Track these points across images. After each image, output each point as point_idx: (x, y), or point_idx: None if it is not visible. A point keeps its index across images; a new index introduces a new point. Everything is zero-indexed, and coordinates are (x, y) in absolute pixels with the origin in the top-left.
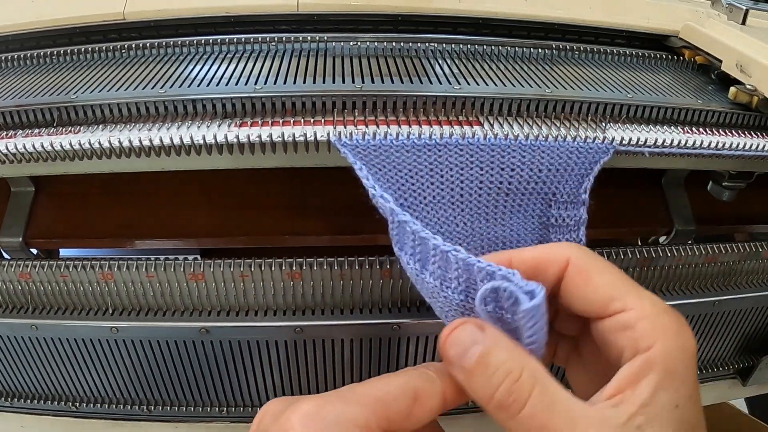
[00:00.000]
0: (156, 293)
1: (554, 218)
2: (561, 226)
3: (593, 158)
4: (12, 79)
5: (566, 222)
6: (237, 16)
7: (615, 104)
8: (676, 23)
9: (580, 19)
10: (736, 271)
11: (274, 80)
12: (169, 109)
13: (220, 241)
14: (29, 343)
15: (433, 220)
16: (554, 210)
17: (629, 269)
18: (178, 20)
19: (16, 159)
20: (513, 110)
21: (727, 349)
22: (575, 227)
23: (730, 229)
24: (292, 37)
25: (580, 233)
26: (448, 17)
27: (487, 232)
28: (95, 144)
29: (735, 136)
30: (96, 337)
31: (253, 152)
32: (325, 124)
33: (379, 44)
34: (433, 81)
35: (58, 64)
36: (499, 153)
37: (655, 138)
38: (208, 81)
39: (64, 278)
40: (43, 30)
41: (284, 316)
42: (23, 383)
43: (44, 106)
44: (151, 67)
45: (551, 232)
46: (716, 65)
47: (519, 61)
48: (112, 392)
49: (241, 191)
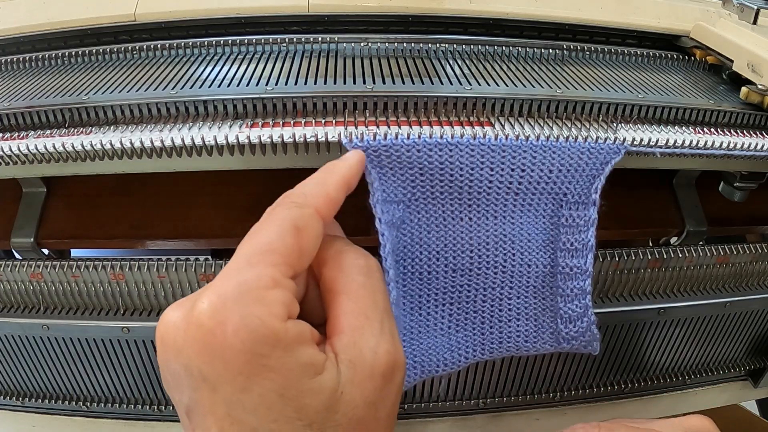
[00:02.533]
0: (167, 293)
1: (565, 218)
2: (572, 227)
3: (604, 159)
4: (24, 80)
5: (576, 222)
6: (248, 17)
7: (626, 104)
8: (687, 23)
9: (590, 20)
10: (748, 272)
11: (285, 81)
12: (180, 110)
13: (231, 241)
14: (41, 343)
15: (437, 213)
16: (565, 210)
17: (640, 270)
18: (188, 21)
19: (27, 159)
20: (524, 111)
21: (738, 351)
22: (585, 227)
23: (741, 230)
24: (302, 38)
25: (589, 234)
26: (459, 18)
27: (494, 229)
28: (107, 145)
29: (747, 136)
30: (107, 337)
31: (264, 153)
32: (336, 125)
33: (390, 45)
34: (444, 82)
35: (69, 65)
36: (510, 153)
37: (667, 138)
38: (219, 82)
39: (75, 278)
40: (54, 31)
41: None
42: (34, 383)
43: (56, 107)
44: (162, 68)
45: (561, 233)
46: (727, 65)
47: (530, 61)
48: (123, 392)
49: (252, 192)
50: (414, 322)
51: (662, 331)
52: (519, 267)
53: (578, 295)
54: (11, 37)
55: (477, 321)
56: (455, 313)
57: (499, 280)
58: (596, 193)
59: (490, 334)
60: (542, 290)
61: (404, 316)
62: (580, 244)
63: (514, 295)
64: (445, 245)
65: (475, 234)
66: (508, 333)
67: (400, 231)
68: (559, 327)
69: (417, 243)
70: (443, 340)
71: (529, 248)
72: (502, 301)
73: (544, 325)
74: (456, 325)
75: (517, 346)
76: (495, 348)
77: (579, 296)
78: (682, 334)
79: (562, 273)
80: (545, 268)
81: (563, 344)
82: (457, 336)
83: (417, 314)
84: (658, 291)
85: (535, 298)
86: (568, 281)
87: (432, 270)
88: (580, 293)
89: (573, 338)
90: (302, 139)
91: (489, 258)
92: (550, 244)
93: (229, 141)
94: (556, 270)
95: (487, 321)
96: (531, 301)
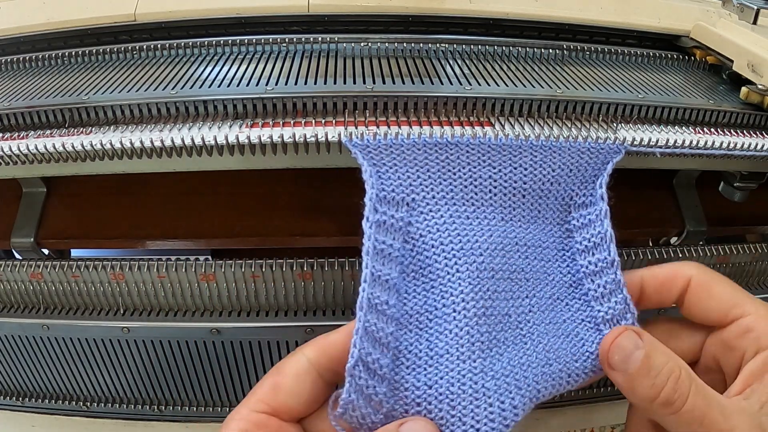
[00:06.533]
0: (167, 293)
1: (576, 221)
2: (585, 226)
3: (605, 158)
4: (24, 80)
5: (588, 220)
6: (248, 17)
7: (626, 105)
8: (687, 23)
9: (590, 20)
10: (748, 272)
11: (285, 81)
12: (180, 110)
13: (231, 241)
14: (41, 343)
15: (447, 214)
16: (574, 213)
17: None
18: (189, 21)
19: (28, 160)
20: (524, 111)
21: None
22: (599, 221)
23: (741, 230)
24: (303, 38)
25: (605, 225)
26: (459, 18)
27: (507, 233)
28: (107, 145)
29: (747, 136)
30: (107, 337)
31: (264, 153)
32: (336, 124)
33: (390, 45)
34: (444, 82)
35: (69, 65)
36: (510, 153)
37: (667, 138)
38: (219, 82)
39: (75, 278)
40: (54, 31)
41: (295, 317)
42: (34, 383)
43: (56, 107)
44: (162, 68)
45: (576, 235)
46: (727, 65)
47: (530, 61)
48: (123, 392)
49: (252, 192)
50: (441, 339)
51: None
52: (540, 276)
53: (613, 291)
54: (11, 37)
55: (518, 339)
56: (492, 329)
57: (525, 289)
58: (602, 187)
59: (533, 359)
60: (571, 302)
61: (429, 334)
62: (598, 237)
63: (544, 308)
64: (464, 245)
65: (492, 236)
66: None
67: (408, 234)
68: (604, 334)
69: (431, 246)
70: (482, 364)
71: (545, 256)
72: (534, 314)
73: (586, 342)
74: (497, 342)
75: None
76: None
77: (614, 291)
78: None
79: (587, 272)
80: (565, 277)
81: None
82: (501, 360)
83: (445, 331)
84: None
85: (564, 312)
86: (595, 278)
87: (454, 273)
88: (615, 287)
89: None
90: (302, 139)
91: (511, 262)
92: (566, 252)
93: (229, 141)
94: (580, 275)
95: (527, 339)
96: (560, 315)
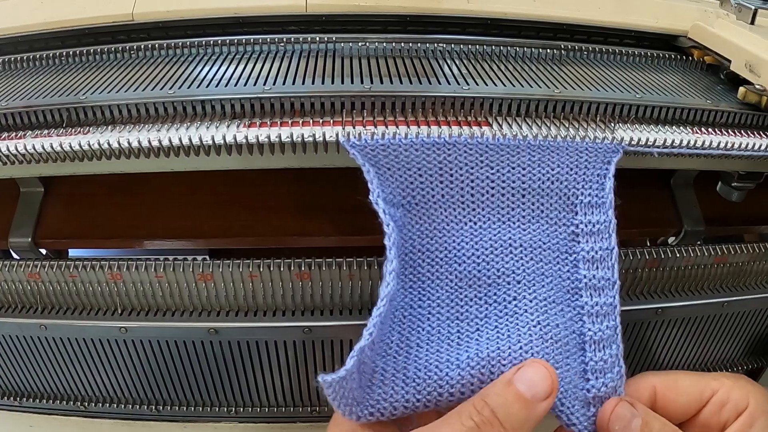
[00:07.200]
0: (165, 293)
1: (584, 225)
2: (592, 233)
3: (604, 158)
4: (21, 80)
5: (597, 228)
6: (246, 17)
7: (624, 104)
8: (685, 23)
9: (588, 19)
10: (746, 271)
11: (282, 81)
12: (178, 110)
13: (228, 241)
14: (38, 343)
15: (440, 218)
16: (580, 215)
17: (638, 270)
18: (186, 21)
19: (25, 159)
20: (522, 111)
21: (736, 351)
22: (606, 234)
23: (739, 230)
24: (300, 37)
25: (612, 241)
26: (457, 17)
27: (501, 235)
28: (104, 144)
29: (744, 136)
30: (105, 337)
31: (262, 153)
32: (334, 124)
33: (388, 45)
34: (442, 81)
35: (67, 65)
36: (508, 153)
37: (664, 138)
38: (217, 82)
39: (73, 278)
40: (52, 31)
41: (293, 317)
42: (32, 383)
43: (53, 107)
44: (160, 67)
45: (581, 240)
46: (725, 65)
47: (528, 61)
48: (121, 392)
49: (250, 192)
50: (413, 334)
51: (660, 330)
52: (535, 278)
53: (608, 314)
54: (8, 37)
55: (493, 338)
56: (464, 329)
57: (513, 292)
58: (611, 192)
59: (507, 355)
60: (565, 309)
61: (403, 328)
62: (605, 252)
63: (533, 310)
64: (449, 252)
65: (481, 240)
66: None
67: (401, 235)
68: (587, 355)
69: (418, 250)
70: (448, 356)
71: (544, 257)
72: (519, 316)
73: (570, 350)
74: (467, 341)
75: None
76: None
77: (608, 314)
78: (680, 333)
79: (587, 285)
80: (565, 282)
81: (591, 380)
82: (468, 352)
83: (419, 328)
84: (656, 291)
85: (557, 316)
86: (594, 295)
87: (435, 279)
88: (610, 311)
89: (600, 371)
90: (300, 138)
91: (498, 266)
92: (570, 256)
93: (227, 141)
94: (580, 285)
95: (505, 339)
96: (553, 319)
